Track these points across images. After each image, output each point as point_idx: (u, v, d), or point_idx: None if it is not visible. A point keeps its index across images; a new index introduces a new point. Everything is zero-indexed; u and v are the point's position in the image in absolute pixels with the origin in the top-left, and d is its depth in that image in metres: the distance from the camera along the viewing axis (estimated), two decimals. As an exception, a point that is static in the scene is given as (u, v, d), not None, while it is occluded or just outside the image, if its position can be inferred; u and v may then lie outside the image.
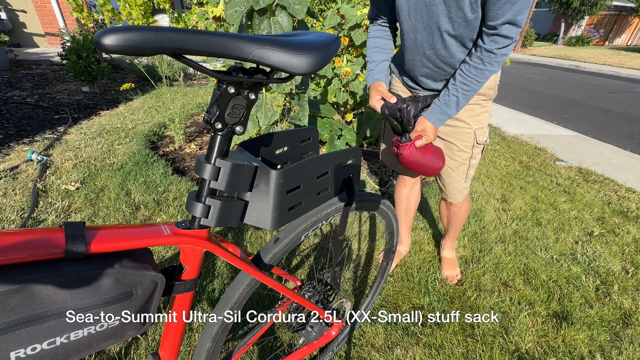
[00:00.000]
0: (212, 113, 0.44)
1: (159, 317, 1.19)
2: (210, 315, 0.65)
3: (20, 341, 0.35)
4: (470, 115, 1.10)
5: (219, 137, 0.45)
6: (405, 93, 1.19)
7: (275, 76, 0.46)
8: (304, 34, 0.48)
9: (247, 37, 0.39)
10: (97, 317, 0.40)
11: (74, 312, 0.38)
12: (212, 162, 0.46)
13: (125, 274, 0.41)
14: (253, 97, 0.45)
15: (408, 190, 1.45)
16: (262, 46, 0.39)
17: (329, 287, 0.96)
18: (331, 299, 0.98)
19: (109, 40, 0.30)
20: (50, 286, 0.35)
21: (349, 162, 0.61)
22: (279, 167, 0.66)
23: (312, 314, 0.92)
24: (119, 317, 0.42)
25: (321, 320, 0.92)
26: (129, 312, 0.42)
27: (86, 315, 0.39)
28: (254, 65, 0.43)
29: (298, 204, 0.54)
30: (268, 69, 0.45)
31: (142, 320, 0.45)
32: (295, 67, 0.42)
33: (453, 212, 1.37)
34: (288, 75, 0.44)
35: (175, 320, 0.56)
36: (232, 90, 0.43)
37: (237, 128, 0.46)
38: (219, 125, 0.44)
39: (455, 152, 1.15)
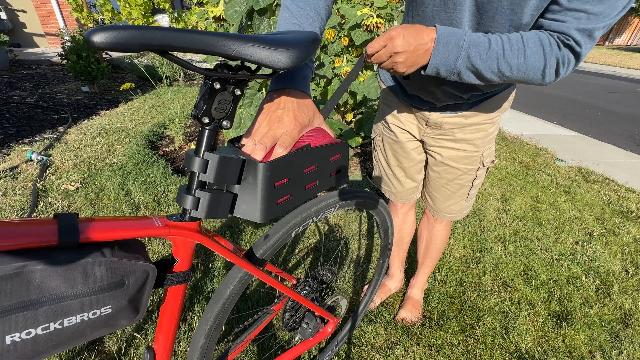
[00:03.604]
0: (200, 108, 0.46)
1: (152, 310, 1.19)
2: (203, 311, 0.66)
3: (16, 325, 0.36)
4: (481, 136, 0.92)
5: (206, 131, 0.47)
6: (408, 115, 0.98)
7: (259, 73, 0.47)
8: (286, 33, 0.51)
9: (231, 35, 0.41)
10: (90, 304, 0.41)
11: (67, 299, 0.39)
12: (201, 155, 0.48)
13: (117, 263, 0.42)
14: (238, 92, 0.47)
15: (401, 220, 1.25)
16: (245, 43, 0.41)
17: (324, 284, 0.96)
18: (326, 297, 0.99)
19: (98, 38, 0.32)
20: (45, 272, 0.37)
21: (336, 156, 0.62)
22: None
23: (307, 311, 0.92)
24: (111, 305, 0.43)
25: (316, 317, 0.92)
26: (121, 301, 0.44)
27: (79, 302, 0.40)
28: (239, 62, 0.45)
29: (286, 197, 0.54)
30: (253, 67, 0.47)
31: (134, 310, 0.46)
32: (276, 62, 0.44)
33: (436, 231, 1.17)
34: (272, 71, 0.47)
35: (168, 313, 0.56)
36: (217, 86, 0.45)
37: (224, 122, 0.48)
38: (206, 120, 0.46)
39: (459, 175, 0.99)
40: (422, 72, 0.63)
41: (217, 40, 0.39)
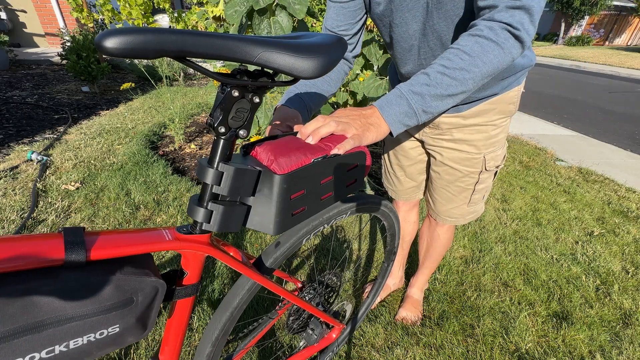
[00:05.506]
0: (216, 117, 0.43)
1: (159, 320, 1.19)
2: (210, 319, 0.65)
3: (18, 351, 0.34)
4: (482, 137, 0.88)
5: (222, 141, 0.44)
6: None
7: (279, 79, 0.45)
8: (309, 36, 0.47)
9: (253, 39, 0.38)
10: (97, 325, 0.39)
11: (73, 320, 0.37)
12: (215, 166, 0.45)
13: (126, 281, 0.40)
14: (257, 100, 0.44)
15: (402, 218, 1.25)
16: (268, 49, 0.38)
17: (330, 289, 0.96)
18: (332, 301, 0.98)
19: (111, 43, 0.30)
20: (49, 294, 0.35)
21: (354, 166, 0.60)
22: None
23: (312, 316, 0.92)
24: (119, 324, 0.41)
25: (322, 323, 0.91)
26: (129, 319, 0.42)
27: (86, 323, 0.38)
28: (259, 67, 0.42)
29: (301, 209, 0.53)
30: (272, 72, 0.44)
31: (142, 327, 0.44)
32: (302, 71, 0.41)
33: (437, 234, 1.14)
34: (293, 78, 0.44)
35: (175, 325, 0.55)
36: (236, 94, 0.42)
37: (241, 132, 0.45)
38: (223, 129, 0.43)
39: (459, 178, 0.96)
40: (392, 135, 0.62)
41: (239, 45, 0.36)
